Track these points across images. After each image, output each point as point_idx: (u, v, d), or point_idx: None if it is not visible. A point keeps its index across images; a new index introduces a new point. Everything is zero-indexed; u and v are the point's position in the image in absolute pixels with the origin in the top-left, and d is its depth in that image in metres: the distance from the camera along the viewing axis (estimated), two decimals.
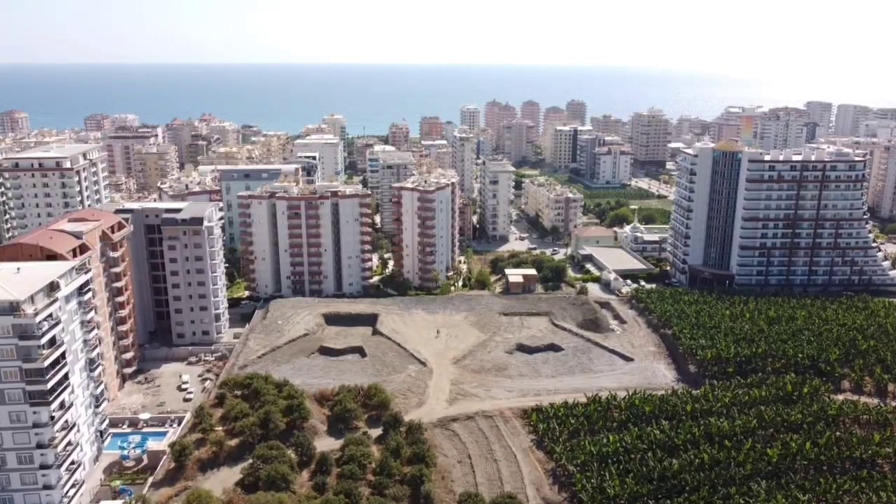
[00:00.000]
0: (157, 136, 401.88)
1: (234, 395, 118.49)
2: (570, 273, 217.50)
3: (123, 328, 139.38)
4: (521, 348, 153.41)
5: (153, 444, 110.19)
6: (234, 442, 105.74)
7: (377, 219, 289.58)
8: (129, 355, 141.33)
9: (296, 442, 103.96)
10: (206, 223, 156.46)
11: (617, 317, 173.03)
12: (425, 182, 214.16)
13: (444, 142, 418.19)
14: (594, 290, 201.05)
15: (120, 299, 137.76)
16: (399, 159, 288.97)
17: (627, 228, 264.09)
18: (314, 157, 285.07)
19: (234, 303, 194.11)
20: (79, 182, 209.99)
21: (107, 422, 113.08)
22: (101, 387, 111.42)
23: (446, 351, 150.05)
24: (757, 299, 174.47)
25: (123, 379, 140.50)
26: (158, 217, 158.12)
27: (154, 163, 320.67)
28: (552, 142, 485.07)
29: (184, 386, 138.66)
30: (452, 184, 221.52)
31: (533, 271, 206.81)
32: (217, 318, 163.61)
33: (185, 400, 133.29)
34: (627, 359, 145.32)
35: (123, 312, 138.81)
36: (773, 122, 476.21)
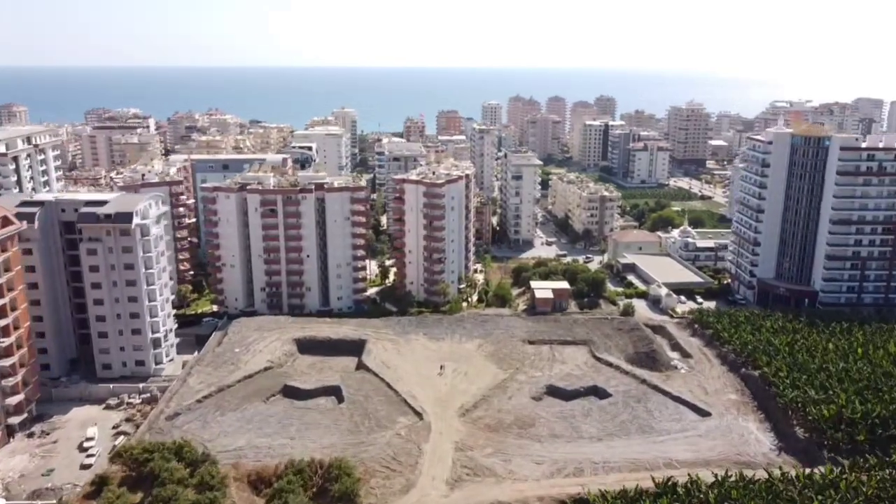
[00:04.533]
0: (147, 127, 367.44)
1: (126, 474, 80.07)
2: (610, 287, 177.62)
3: (8, 362, 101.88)
4: (554, 392, 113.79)
5: None
6: None
7: (383, 220, 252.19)
8: (16, 399, 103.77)
9: None
10: (137, 220, 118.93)
11: (677, 347, 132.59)
12: (433, 174, 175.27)
13: (461, 137, 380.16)
14: (640, 307, 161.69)
15: (3, 322, 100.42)
16: (408, 150, 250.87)
17: (675, 233, 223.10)
18: (310, 148, 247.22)
19: (194, 321, 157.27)
20: (16, 170, 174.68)
21: None
22: None
23: (452, 396, 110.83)
24: (863, 326, 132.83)
25: (9, 432, 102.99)
26: (77, 212, 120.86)
27: (135, 153, 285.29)
28: (580, 138, 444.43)
29: (87, 444, 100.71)
30: (467, 176, 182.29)
31: (565, 284, 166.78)
32: (156, 343, 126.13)
33: (84, 466, 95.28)
34: (702, 412, 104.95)
35: (7, 341, 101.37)
36: (825, 117, 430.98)
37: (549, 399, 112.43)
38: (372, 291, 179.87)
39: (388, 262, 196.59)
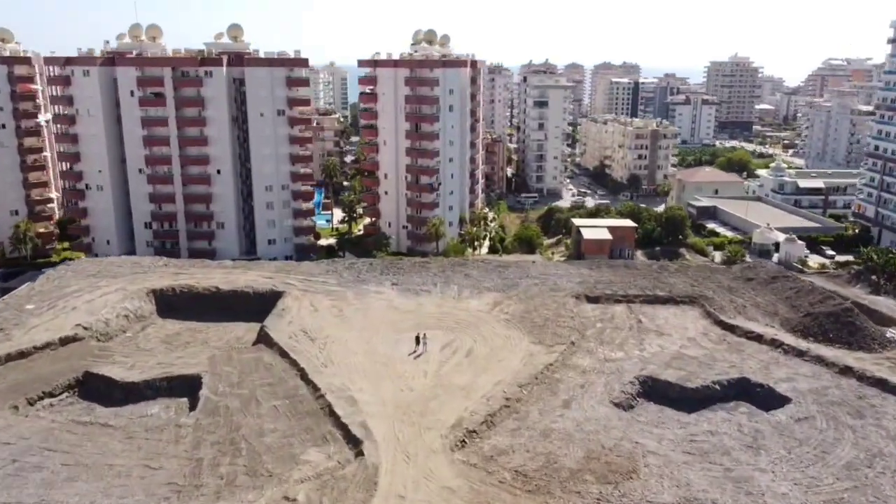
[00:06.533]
0: None
1: None
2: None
3: None
4: (657, 391, 52.68)
5: None
6: None
7: None
8: None
9: None
10: None
11: (860, 310, 70.80)
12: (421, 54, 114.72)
13: None
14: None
15: None
16: None
17: (764, 172, 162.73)
18: None
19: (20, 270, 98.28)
20: None
21: None
22: None
23: (438, 398, 49.65)
24: None
25: None
26: None
27: None
28: (605, 97, 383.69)
29: None
30: (473, 63, 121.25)
31: (628, 222, 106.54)
32: None
33: None
34: None
35: None
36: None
37: (648, 407, 51.35)
38: (331, 241, 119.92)
39: (359, 208, 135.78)
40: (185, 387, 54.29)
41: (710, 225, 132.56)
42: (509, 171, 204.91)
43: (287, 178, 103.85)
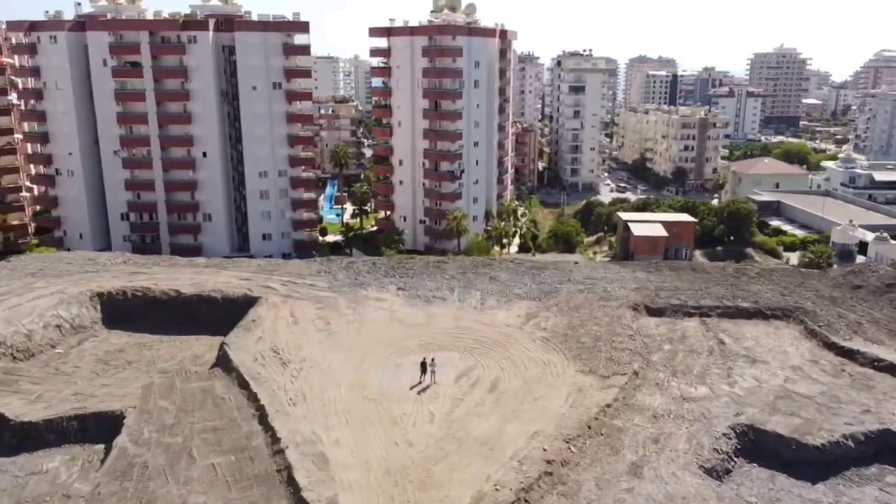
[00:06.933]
0: None
1: None
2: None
3: None
4: (759, 445, 36.83)
5: None
6: None
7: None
8: None
9: None
10: None
11: None
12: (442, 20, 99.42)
13: None
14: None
15: None
16: None
17: (833, 164, 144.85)
18: None
19: None
20: None
21: None
22: None
23: (444, 460, 34.38)
24: None
25: None
26: None
27: None
28: (641, 91, 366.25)
29: None
30: (502, 33, 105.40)
31: (686, 217, 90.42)
32: None
33: None
34: None
35: None
36: None
37: (751, 473, 35.55)
38: (337, 237, 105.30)
39: (373, 201, 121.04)
40: (105, 428, 39.77)
41: (775, 222, 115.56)
42: (541, 164, 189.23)
43: (285, 163, 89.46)
